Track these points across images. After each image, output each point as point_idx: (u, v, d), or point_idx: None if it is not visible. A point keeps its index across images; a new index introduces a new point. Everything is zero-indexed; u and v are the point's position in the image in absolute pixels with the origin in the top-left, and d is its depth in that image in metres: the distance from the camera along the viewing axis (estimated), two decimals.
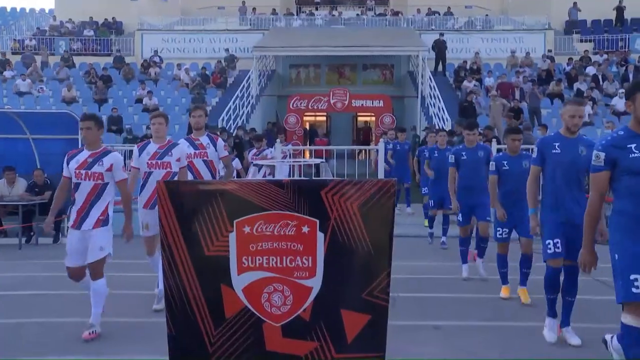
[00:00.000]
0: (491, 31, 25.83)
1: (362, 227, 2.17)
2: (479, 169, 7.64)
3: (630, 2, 26.12)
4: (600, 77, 21.41)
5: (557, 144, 5.21)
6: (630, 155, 3.72)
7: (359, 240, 2.17)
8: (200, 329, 2.23)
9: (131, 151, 15.23)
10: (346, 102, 21.71)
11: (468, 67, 22.77)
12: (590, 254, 4.00)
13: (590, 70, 22.01)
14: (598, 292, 6.94)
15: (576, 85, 20.85)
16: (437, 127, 15.96)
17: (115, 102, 20.91)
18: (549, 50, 24.25)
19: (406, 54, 24.24)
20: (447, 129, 16.60)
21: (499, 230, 6.83)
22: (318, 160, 9.63)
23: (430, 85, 20.78)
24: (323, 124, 26.64)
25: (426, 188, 10.92)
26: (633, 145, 3.74)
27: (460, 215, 7.84)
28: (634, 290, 3.59)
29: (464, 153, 7.78)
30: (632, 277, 3.61)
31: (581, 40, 25.64)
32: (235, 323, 2.23)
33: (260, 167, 12.07)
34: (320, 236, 2.21)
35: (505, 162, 6.80)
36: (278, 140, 13.99)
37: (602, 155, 3.82)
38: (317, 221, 2.22)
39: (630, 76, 21.41)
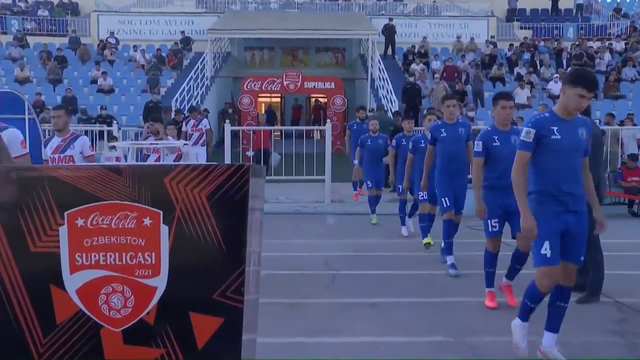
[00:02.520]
0: (438, 17, 25.71)
1: (212, 219, 1.80)
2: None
3: None
4: (537, 62, 21.52)
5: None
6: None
7: (208, 233, 1.80)
8: (25, 337, 1.78)
9: (86, 131, 14.99)
10: (299, 84, 21.28)
11: (416, 51, 22.62)
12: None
13: (529, 55, 22.13)
14: None
15: (516, 70, 20.94)
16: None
17: (71, 83, 20.03)
18: (492, 36, 24.29)
19: (357, 38, 23.90)
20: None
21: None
22: (180, 143, 8.12)
23: (379, 68, 20.55)
24: (278, 105, 26.28)
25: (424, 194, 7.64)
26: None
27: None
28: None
29: (496, 137, 5.41)
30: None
31: (521, 28, 25.83)
32: (68, 329, 1.81)
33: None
34: (164, 229, 1.81)
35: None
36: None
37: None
38: (161, 212, 1.81)
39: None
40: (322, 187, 12.31)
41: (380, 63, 20.66)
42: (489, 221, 5.32)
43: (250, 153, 13.77)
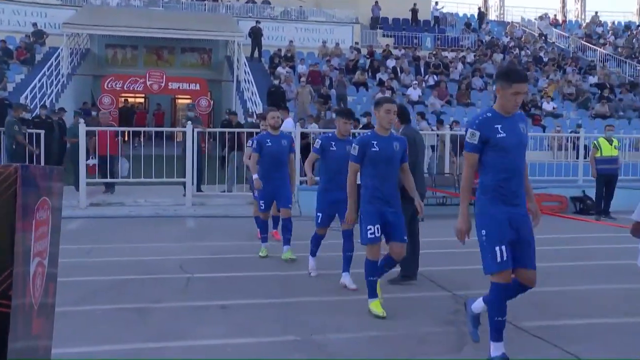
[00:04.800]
0: (305, 22, 26.16)
1: None
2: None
3: (422, 6, 28.02)
4: (398, 69, 22.51)
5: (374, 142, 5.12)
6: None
7: None
8: None
9: None
10: (162, 84, 20.67)
11: (282, 54, 22.81)
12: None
13: (390, 62, 23.06)
14: None
15: (378, 76, 21.71)
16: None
17: None
18: (356, 43, 25.09)
19: (224, 39, 23.64)
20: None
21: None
22: None
23: (245, 71, 20.46)
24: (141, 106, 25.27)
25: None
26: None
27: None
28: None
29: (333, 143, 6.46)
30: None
31: (384, 35, 26.92)
32: None
33: None
34: None
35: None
36: None
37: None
38: None
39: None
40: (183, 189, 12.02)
41: (246, 65, 20.59)
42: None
43: (90, 161, 12.36)
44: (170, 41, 23.50)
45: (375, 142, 5.06)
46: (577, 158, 14.28)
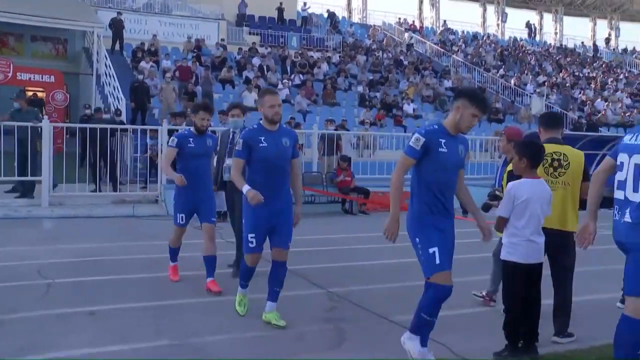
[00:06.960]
0: (169, 15, 25.45)
1: None
2: None
3: (288, 5, 28.46)
4: (265, 67, 22.57)
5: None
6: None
7: None
8: None
9: None
10: (9, 74, 18.97)
11: (146, 48, 21.97)
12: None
13: (257, 60, 23.08)
14: None
15: (245, 73, 21.64)
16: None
17: None
18: (222, 39, 24.82)
19: (81, 30, 22.22)
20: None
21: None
22: None
23: (106, 64, 19.40)
24: None
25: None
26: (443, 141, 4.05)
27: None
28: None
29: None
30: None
31: (250, 33, 26.92)
32: None
33: None
34: None
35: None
36: None
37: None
38: None
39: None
40: (38, 189, 11.17)
41: (106, 58, 19.54)
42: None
43: None
44: (18, 27, 21.56)
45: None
46: None
